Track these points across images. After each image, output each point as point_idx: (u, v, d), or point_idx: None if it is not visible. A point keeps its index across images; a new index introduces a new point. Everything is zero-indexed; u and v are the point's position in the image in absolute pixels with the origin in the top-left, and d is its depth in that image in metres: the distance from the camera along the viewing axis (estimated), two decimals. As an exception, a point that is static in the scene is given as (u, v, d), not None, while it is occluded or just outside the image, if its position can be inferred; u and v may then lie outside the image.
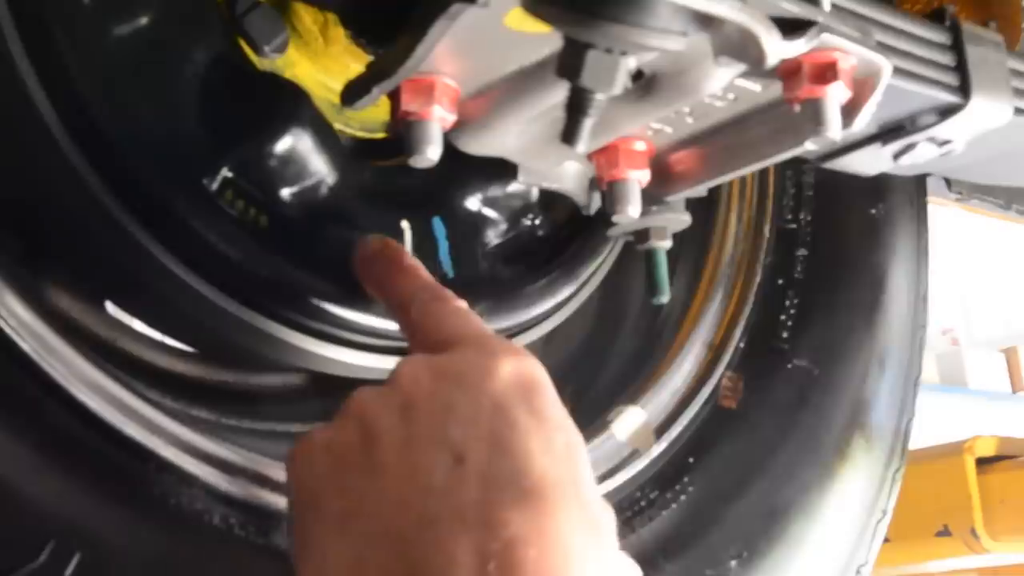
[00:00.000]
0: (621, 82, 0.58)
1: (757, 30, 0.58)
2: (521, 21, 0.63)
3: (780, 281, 1.18)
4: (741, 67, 0.68)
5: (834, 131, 0.71)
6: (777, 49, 0.61)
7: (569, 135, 0.61)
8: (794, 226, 1.20)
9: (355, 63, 0.92)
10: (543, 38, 0.62)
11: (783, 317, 1.16)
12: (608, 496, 1.00)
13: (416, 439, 0.59)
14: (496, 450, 0.57)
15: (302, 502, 0.62)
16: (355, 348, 0.87)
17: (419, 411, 0.60)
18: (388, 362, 0.89)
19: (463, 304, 0.74)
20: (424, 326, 0.72)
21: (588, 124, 0.61)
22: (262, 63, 0.88)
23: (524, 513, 0.54)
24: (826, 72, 0.70)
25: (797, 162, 1.08)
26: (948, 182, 1.34)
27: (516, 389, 0.61)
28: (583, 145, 0.61)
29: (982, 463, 2.10)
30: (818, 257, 1.20)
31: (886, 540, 1.18)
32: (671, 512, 1.02)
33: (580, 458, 0.60)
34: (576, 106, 0.60)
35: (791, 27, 0.68)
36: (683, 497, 1.03)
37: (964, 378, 5.21)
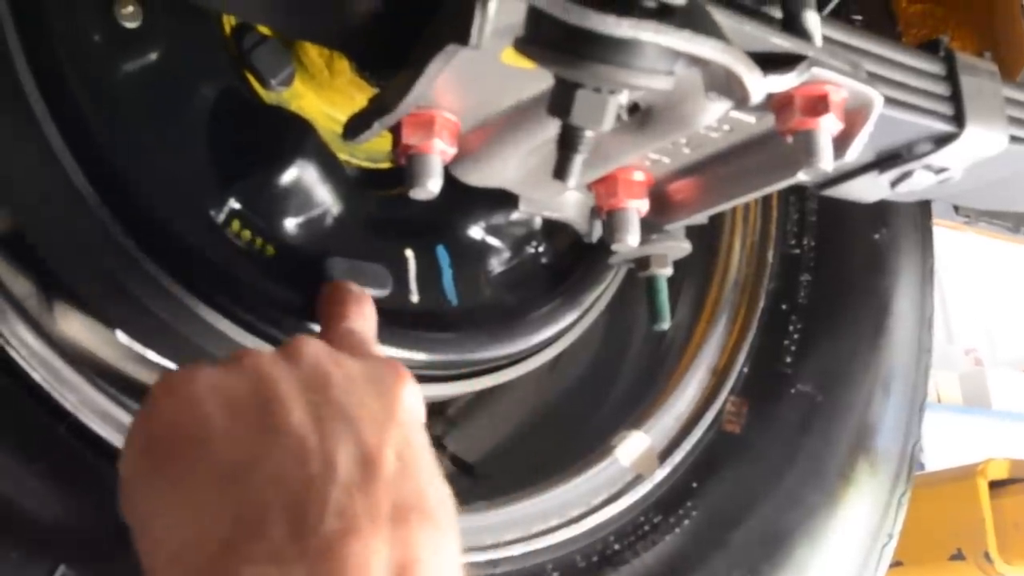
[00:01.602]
0: (610, 120, 0.60)
1: (739, 70, 0.59)
2: (517, 57, 0.64)
3: (784, 306, 1.19)
4: (733, 102, 0.69)
5: (826, 162, 0.72)
6: (759, 87, 0.62)
7: (560, 171, 0.62)
8: (797, 251, 1.21)
9: (360, 95, 0.93)
10: (539, 73, 0.63)
11: (787, 342, 1.17)
12: (611, 520, 1.02)
13: (324, 424, 0.58)
14: (403, 466, 0.59)
15: (177, 436, 0.59)
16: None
17: (327, 397, 0.60)
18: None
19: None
20: (344, 333, 0.74)
21: (579, 160, 0.62)
22: (269, 96, 0.90)
23: (427, 535, 0.56)
24: (817, 104, 0.72)
25: (800, 188, 1.09)
26: (956, 206, 1.35)
27: (415, 413, 0.64)
28: (574, 180, 0.63)
29: (995, 486, 2.09)
30: (822, 282, 1.21)
31: (899, 564, 1.18)
32: (674, 537, 1.03)
33: (451, 498, 0.62)
34: (567, 143, 0.62)
35: (782, 61, 0.70)
36: (686, 522, 1.04)
37: (988, 398, 5.18)
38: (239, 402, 0.60)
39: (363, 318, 0.78)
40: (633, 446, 1.06)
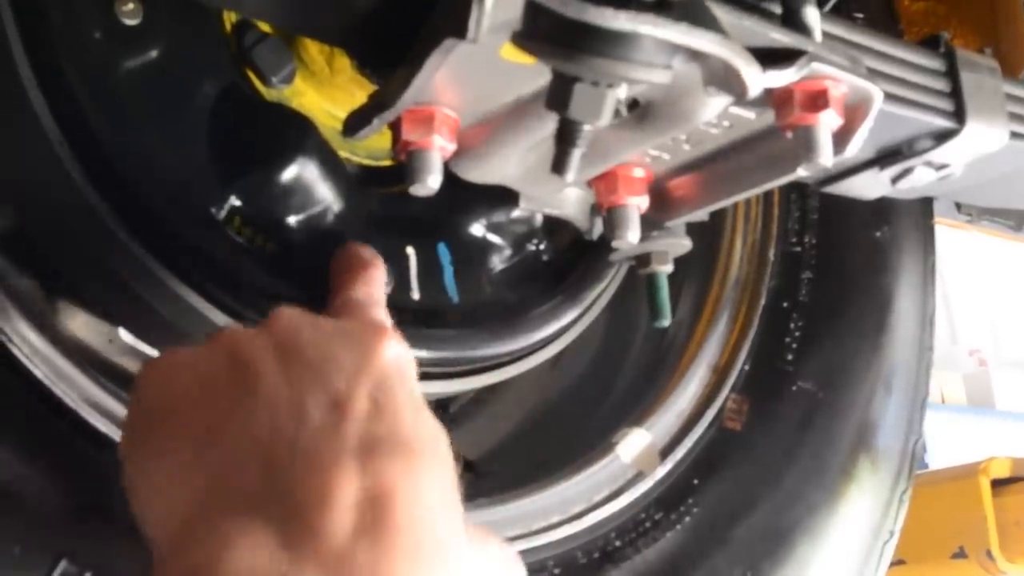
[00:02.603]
0: (608, 114, 0.60)
1: (737, 63, 0.59)
2: (516, 53, 0.65)
3: (785, 304, 1.19)
4: (731, 96, 0.69)
5: (825, 158, 0.72)
6: (757, 81, 0.62)
7: (559, 166, 0.62)
8: (799, 249, 1.21)
9: (361, 92, 0.93)
10: (539, 69, 0.63)
11: (788, 340, 1.17)
12: (613, 517, 1.02)
13: (294, 377, 0.60)
14: (375, 407, 0.60)
15: (157, 411, 0.61)
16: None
17: (299, 355, 0.62)
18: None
19: (384, 311, 0.78)
20: (342, 302, 0.76)
21: (577, 155, 0.62)
22: (269, 93, 0.90)
23: (399, 465, 0.57)
24: (817, 100, 0.72)
25: (801, 185, 1.09)
26: (958, 204, 1.35)
27: (396, 365, 0.64)
28: (572, 175, 0.63)
29: (997, 484, 2.09)
30: (823, 280, 1.21)
31: (902, 562, 1.18)
32: (675, 533, 1.03)
33: (443, 434, 0.62)
34: (565, 137, 0.62)
35: (782, 57, 0.70)
36: (687, 519, 1.04)
37: (992, 399, 5.18)
38: (214, 372, 0.62)
39: (366, 284, 0.80)
40: (634, 443, 1.06)
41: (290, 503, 0.54)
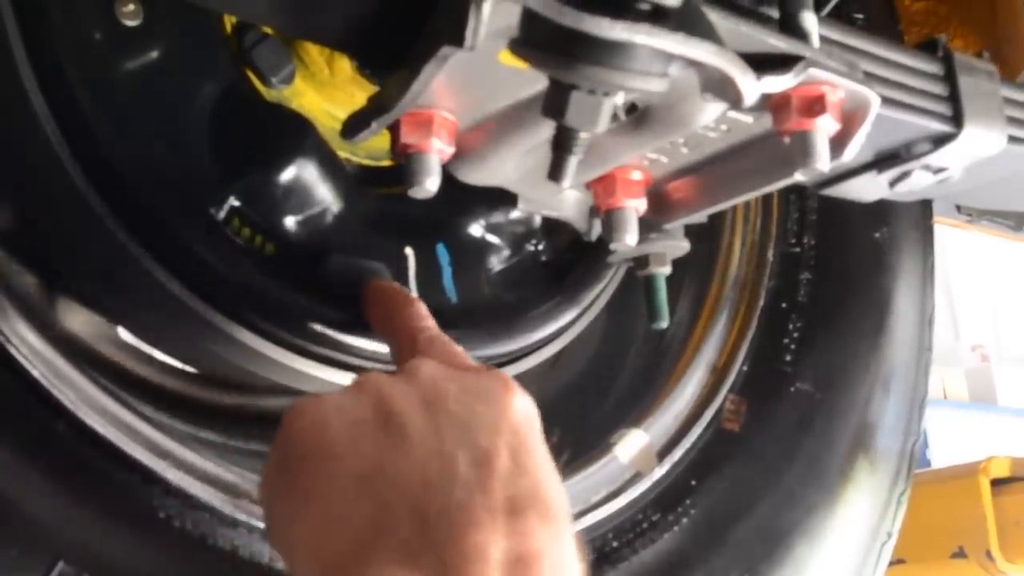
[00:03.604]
0: (604, 121, 0.60)
1: (732, 72, 0.60)
2: (514, 58, 0.65)
3: (784, 304, 1.19)
4: (727, 103, 0.69)
5: (822, 163, 0.72)
6: (753, 89, 0.62)
7: (555, 172, 0.62)
8: (798, 250, 1.21)
9: (360, 93, 0.94)
10: (536, 73, 0.63)
11: (786, 340, 1.17)
12: (610, 518, 1.02)
13: (442, 431, 0.62)
14: (517, 465, 0.62)
15: (310, 454, 0.62)
16: (359, 372, 0.89)
17: (444, 408, 0.64)
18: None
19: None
20: (438, 350, 0.77)
21: (573, 162, 0.62)
22: (269, 94, 0.90)
23: (545, 529, 0.59)
24: (814, 105, 0.72)
25: (801, 187, 1.09)
26: (957, 204, 1.35)
27: (528, 419, 0.67)
28: (568, 182, 0.63)
29: (997, 484, 2.09)
30: (822, 280, 1.21)
31: (902, 562, 1.18)
32: (673, 534, 1.03)
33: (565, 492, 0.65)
34: (561, 144, 0.62)
35: (779, 62, 0.70)
36: (685, 520, 1.04)
37: (994, 395, 5.16)
38: (363, 419, 0.64)
39: (430, 319, 0.82)
40: (632, 444, 1.06)
41: (444, 556, 0.56)
